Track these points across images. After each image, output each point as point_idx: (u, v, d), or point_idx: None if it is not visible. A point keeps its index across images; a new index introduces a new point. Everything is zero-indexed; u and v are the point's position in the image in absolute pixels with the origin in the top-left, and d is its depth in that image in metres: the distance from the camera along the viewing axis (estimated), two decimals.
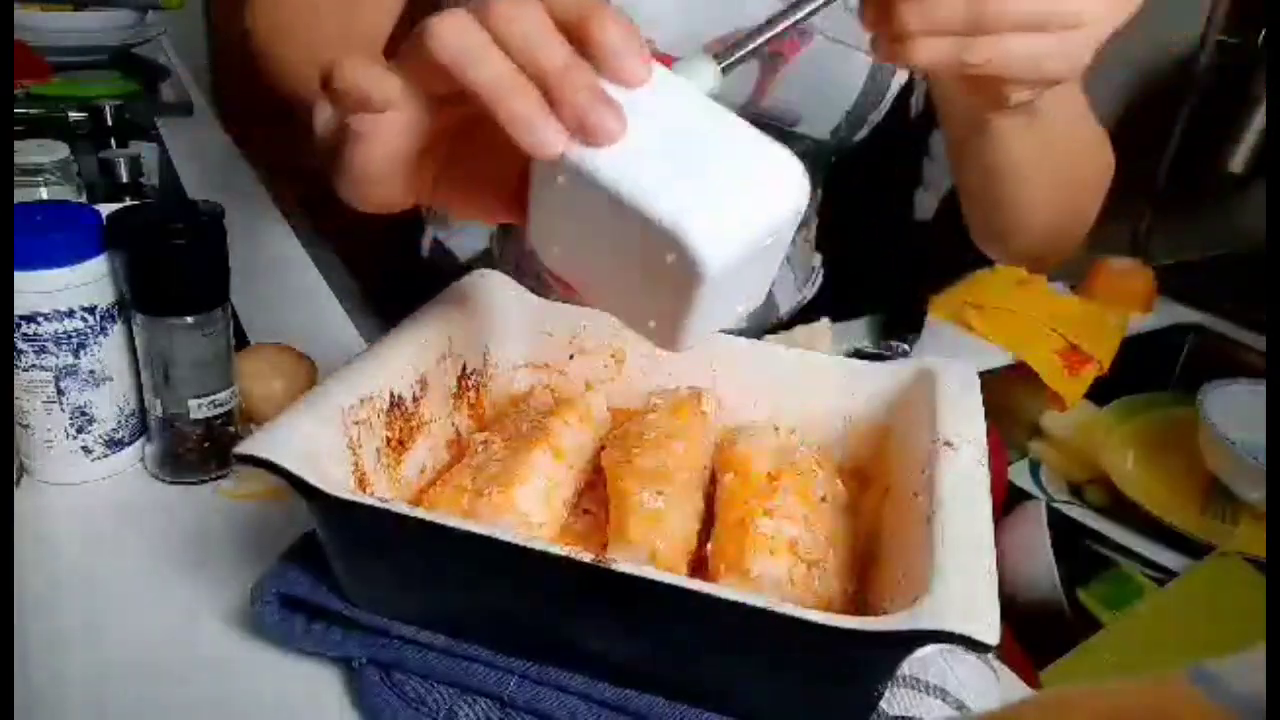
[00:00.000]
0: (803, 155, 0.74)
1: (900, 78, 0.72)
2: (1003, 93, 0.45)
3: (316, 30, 0.64)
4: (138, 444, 0.59)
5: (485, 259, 0.81)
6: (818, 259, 0.94)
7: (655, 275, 0.36)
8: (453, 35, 0.35)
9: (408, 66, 0.37)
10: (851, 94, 0.70)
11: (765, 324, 0.86)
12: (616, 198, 0.35)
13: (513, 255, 0.80)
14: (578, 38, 0.36)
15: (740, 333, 0.84)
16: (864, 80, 0.69)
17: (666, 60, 0.38)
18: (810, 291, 0.92)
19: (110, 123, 1.09)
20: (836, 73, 0.69)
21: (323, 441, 0.43)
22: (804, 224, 0.88)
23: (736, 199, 0.35)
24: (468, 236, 0.81)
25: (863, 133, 0.74)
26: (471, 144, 0.41)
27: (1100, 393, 1.32)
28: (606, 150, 0.35)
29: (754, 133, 0.37)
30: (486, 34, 0.35)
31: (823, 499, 0.49)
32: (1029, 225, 0.65)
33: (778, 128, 0.71)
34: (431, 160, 0.41)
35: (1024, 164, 0.58)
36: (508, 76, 0.35)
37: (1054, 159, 0.59)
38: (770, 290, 0.84)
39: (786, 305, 0.87)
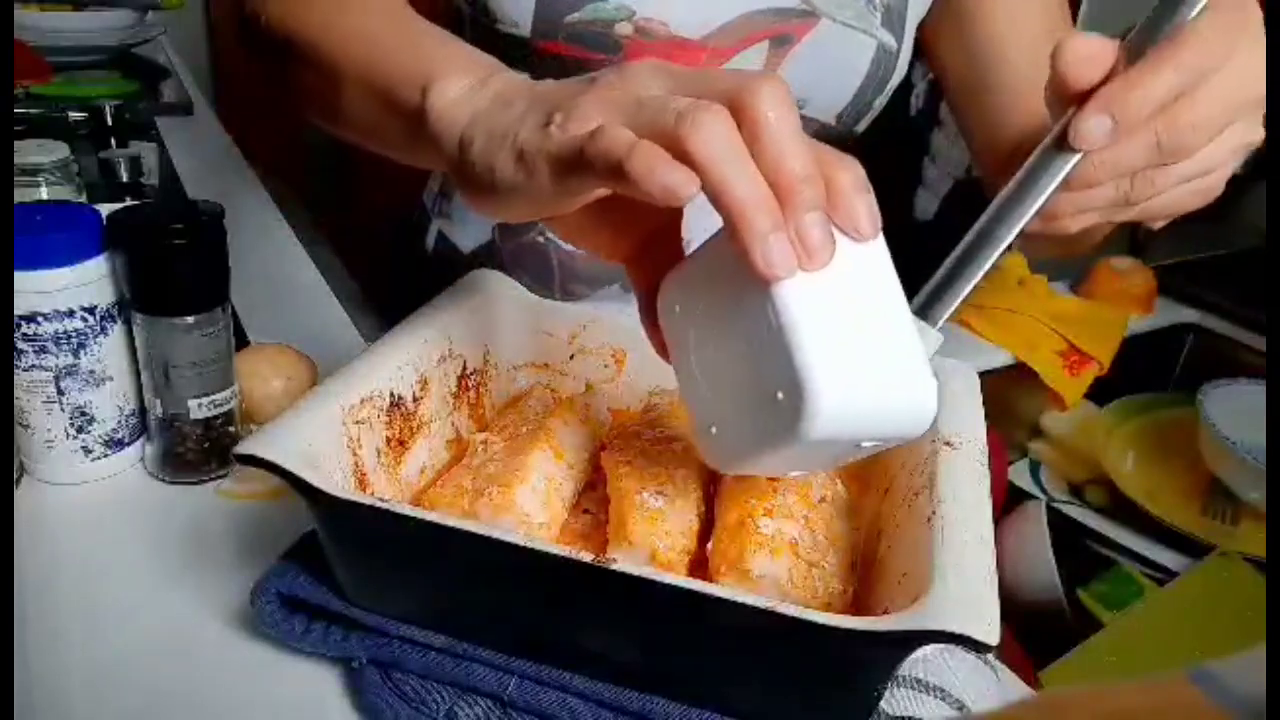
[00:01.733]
0: None
1: (904, 64, 0.72)
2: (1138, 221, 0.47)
3: None
4: (138, 444, 0.59)
5: (488, 250, 0.81)
6: None
7: (754, 402, 0.36)
8: (714, 133, 0.34)
9: (647, 132, 0.36)
10: (858, 78, 0.70)
11: None
12: (778, 316, 0.35)
13: (512, 248, 0.80)
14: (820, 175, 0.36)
15: None
16: (869, 64, 0.69)
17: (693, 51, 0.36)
18: None
19: (110, 123, 1.09)
20: (843, 56, 0.69)
21: (323, 441, 0.43)
22: None
23: (871, 394, 0.35)
24: (471, 228, 0.82)
25: (865, 121, 0.74)
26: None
27: (1100, 393, 1.32)
28: (800, 277, 0.35)
29: (922, 351, 0.37)
30: (739, 136, 0.35)
31: (823, 499, 0.48)
32: (1088, 242, 0.66)
33: None
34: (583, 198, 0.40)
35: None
36: (758, 192, 0.35)
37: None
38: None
39: None
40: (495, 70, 0.45)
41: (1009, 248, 0.42)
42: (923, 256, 0.42)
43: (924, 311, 0.42)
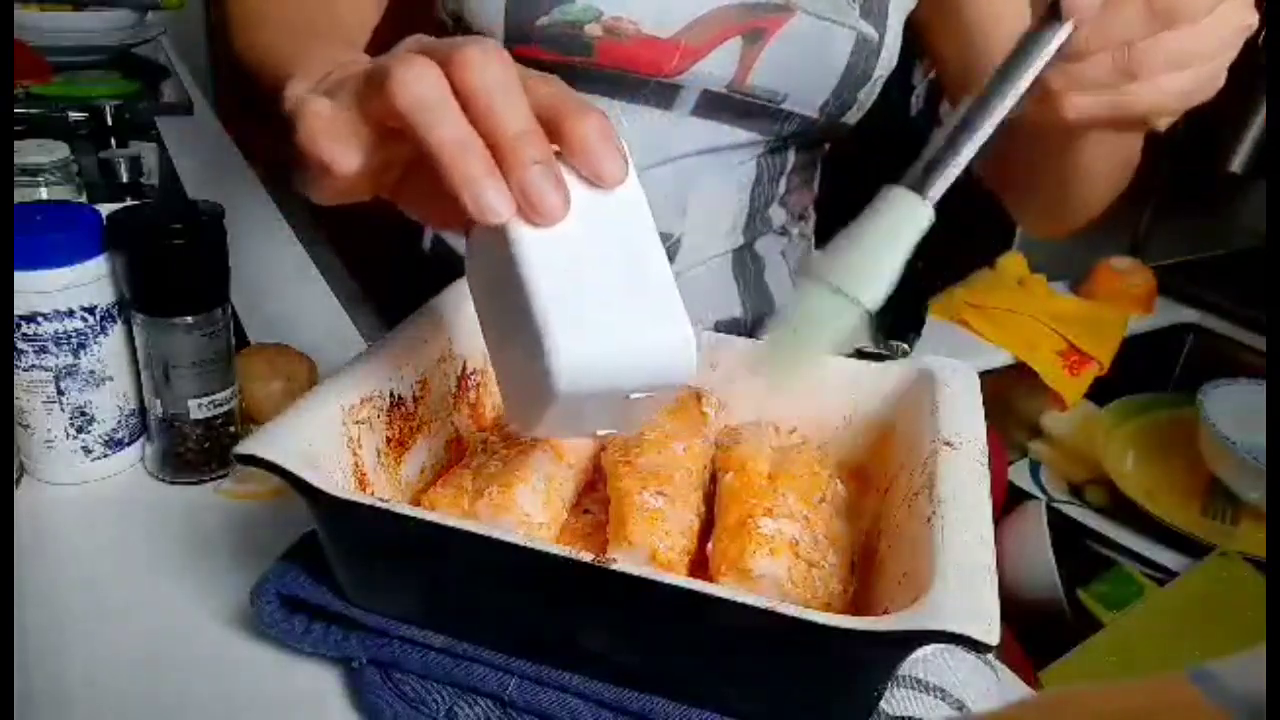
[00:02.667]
0: (795, 135, 0.73)
1: (890, 56, 0.72)
2: (1149, 123, 0.45)
3: (295, 15, 0.64)
4: (138, 444, 0.59)
5: None
6: (818, 256, 0.94)
7: (528, 363, 0.36)
8: (415, 84, 0.34)
9: (368, 104, 0.36)
10: (837, 69, 0.70)
11: (764, 314, 0.86)
12: (521, 281, 0.35)
13: None
14: (552, 127, 0.36)
15: (740, 330, 0.84)
16: (848, 56, 0.69)
17: (664, 50, 0.36)
18: None
19: (110, 123, 1.09)
20: (820, 48, 0.69)
21: (323, 441, 0.43)
22: (802, 219, 0.88)
23: (616, 343, 0.35)
24: None
25: (854, 112, 0.74)
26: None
27: (1100, 393, 1.33)
28: (534, 232, 0.35)
29: (675, 297, 0.36)
30: (447, 87, 0.35)
31: (823, 499, 0.48)
32: (1094, 205, 0.66)
33: (766, 106, 0.71)
34: (391, 171, 0.41)
35: (1108, 157, 0.59)
36: (462, 137, 0.34)
37: (1127, 143, 0.60)
38: (764, 283, 0.84)
39: (780, 299, 0.87)
40: (350, 63, 0.45)
41: (1004, 122, 0.41)
42: (923, 256, 0.42)
43: (918, 185, 0.41)
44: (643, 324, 0.35)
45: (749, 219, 0.80)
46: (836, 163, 0.90)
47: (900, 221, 0.41)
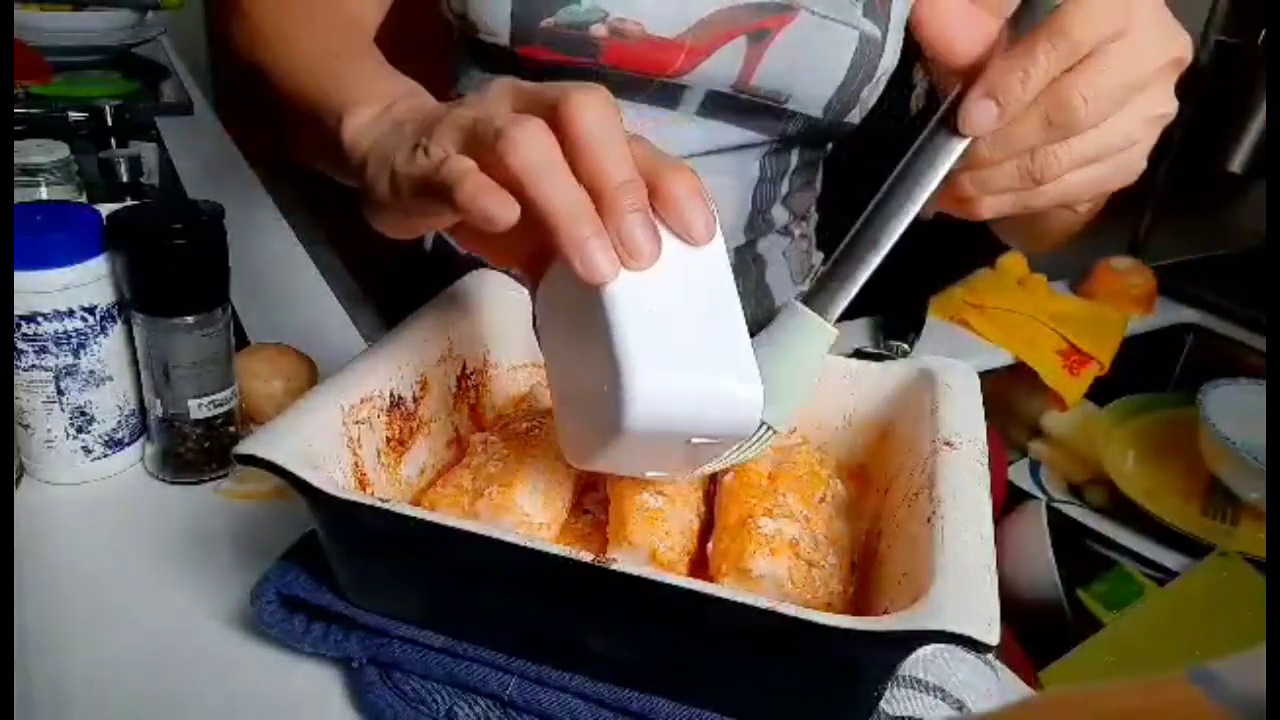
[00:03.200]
0: (799, 134, 0.73)
1: (892, 56, 0.72)
2: (1066, 207, 0.46)
3: (302, 27, 0.65)
4: (138, 444, 0.59)
5: None
6: (819, 257, 0.94)
7: (592, 396, 0.38)
8: (527, 147, 0.36)
9: (482, 157, 0.37)
10: (840, 69, 0.70)
11: (765, 315, 0.86)
12: (604, 314, 0.36)
13: None
14: (648, 181, 0.37)
15: None
16: (852, 55, 0.69)
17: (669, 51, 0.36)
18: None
19: (110, 123, 1.09)
20: (824, 48, 0.69)
21: (323, 441, 0.43)
22: (803, 219, 0.88)
23: (689, 388, 0.36)
24: None
25: (857, 112, 0.74)
26: None
27: (1100, 393, 1.33)
28: (626, 276, 0.37)
29: (749, 351, 0.38)
30: (558, 149, 0.36)
31: (823, 499, 0.48)
32: (1054, 238, 0.67)
33: (770, 106, 0.71)
34: None
35: (1075, 217, 0.60)
36: (573, 202, 0.36)
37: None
38: (765, 284, 0.84)
39: (781, 299, 0.87)
40: (407, 95, 0.47)
41: (902, 236, 0.42)
42: (923, 256, 0.42)
43: (816, 305, 0.43)
44: (716, 373, 0.37)
45: (751, 219, 0.80)
46: (837, 167, 0.90)
47: (805, 346, 0.43)
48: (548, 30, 0.68)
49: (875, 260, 0.42)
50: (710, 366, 0.37)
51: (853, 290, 0.43)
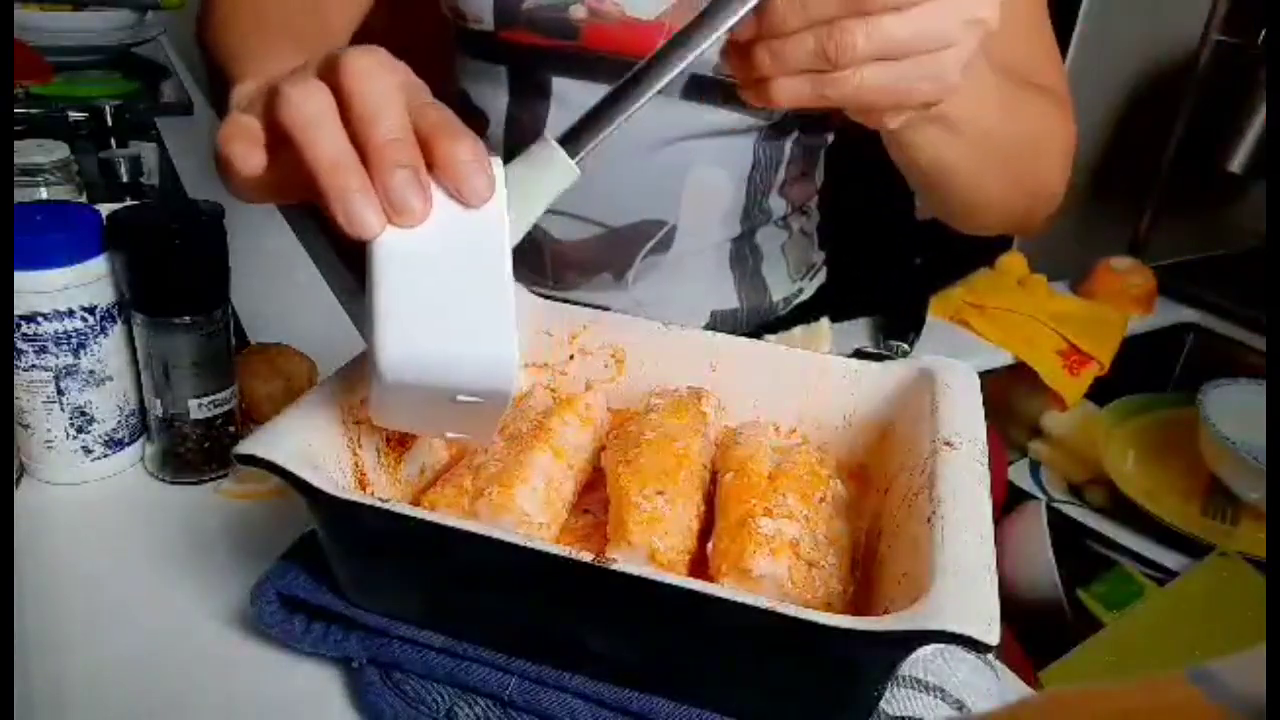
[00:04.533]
0: (790, 119, 0.73)
1: None
2: (875, 119, 0.45)
3: (271, 11, 0.66)
4: (138, 444, 0.59)
5: None
6: (819, 256, 0.94)
7: (372, 355, 0.38)
8: (300, 102, 0.37)
9: (266, 117, 0.39)
10: None
11: (760, 307, 0.85)
12: (372, 278, 0.38)
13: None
14: (428, 146, 0.38)
15: (736, 322, 0.84)
16: None
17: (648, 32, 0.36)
18: (810, 288, 0.92)
19: (110, 123, 1.09)
20: None
21: (323, 441, 0.44)
22: (804, 213, 0.88)
23: (442, 348, 0.38)
24: None
25: None
26: None
27: (1100, 393, 1.32)
28: (395, 232, 0.38)
29: (508, 316, 0.38)
30: (331, 105, 0.37)
31: (823, 499, 0.48)
32: (982, 211, 0.66)
33: None
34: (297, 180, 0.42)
35: (956, 166, 0.58)
36: (337, 153, 0.37)
37: (988, 154, 0.58)
38: (761, 276, 0.84)
39: (780, 293, 0.87)
40: (289, 69, 0.48)
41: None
42: (923, 256, 0.42)
43: (566, 142, 0.42)
44: (470, 332, 0.38)
45: (747, 207, 0.80)
46: (837, 167, 0.90)
47: (544, 180, 0.42)
48: (529, 13, 0.69)
49: (635, 106, 0.41)
50: (466, 327, 0.38)
51: (605, 133, 0.41)
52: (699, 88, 0.72)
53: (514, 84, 0.76)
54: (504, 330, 0.38)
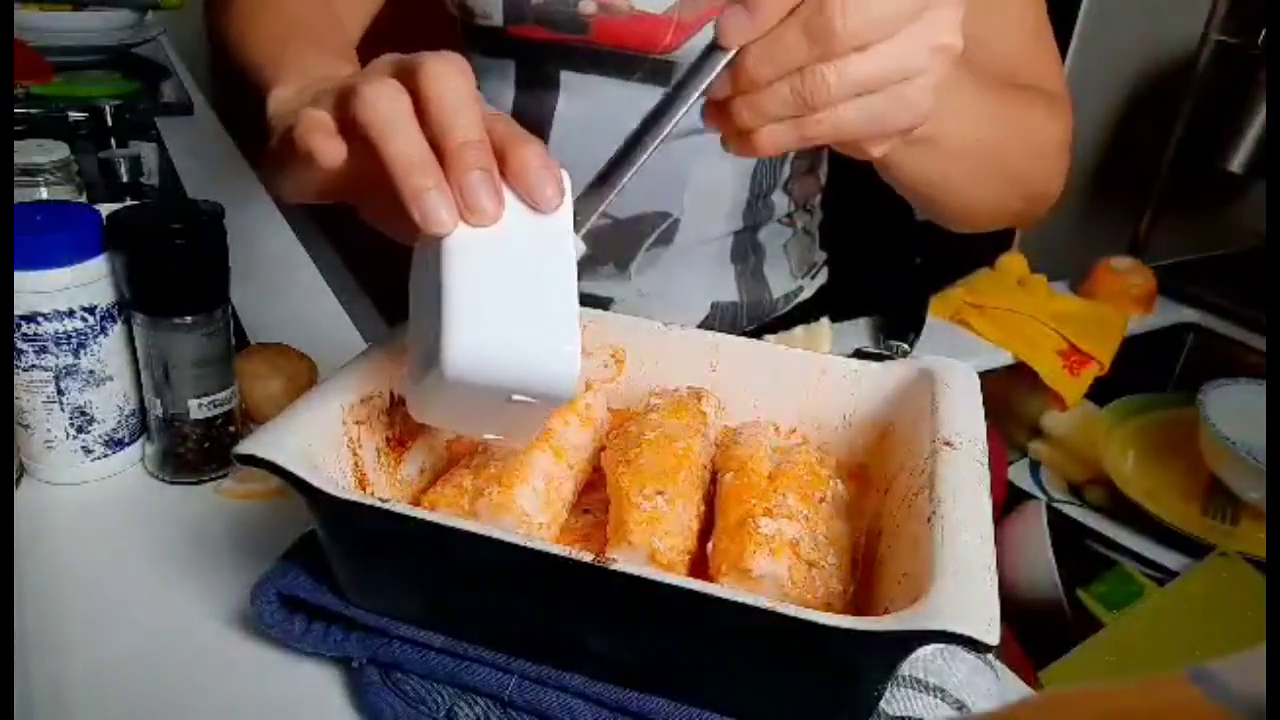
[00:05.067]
0: None
1: None
2: (858, 150, 0.45)
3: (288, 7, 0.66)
4: (138, 444, 0.59)
5: None
6: (821, 255, 0.94)
7: (430, 353, 0.39)
8: (377, 101, 0.38)
9: (340, 116, 0.40)
10: None
11: (760, 302, 0.85)
12: (438, 265, 0.38)
13: None
14: (500, 152, 0.39)
15: (736, 316, 0.84)
16: None
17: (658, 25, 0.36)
18: (811, 287, 0.92)
19: (110, 123, 1.09)
20: None
21: (323, 441, 0.44)
22: (807, 211, 0.88)
23: (507, 344, 0.38)
24: None
25: None
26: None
27: (1100, 393, 1.33)
28: (466, 232, 0.38)
29: (574, 321, 0.39)
30: (408, 105, 0.38)
31: (823, 499, 0.48)
32: (972, 214, 0.66)
33: None
34: (361, 182, 0.43)
35: (946, 179, 0.58)
36: (415, 152, 0.37)
37: (977, 163, 0.59)
38: (762, 271, 0.84)
39: (780, 289, 0.87)
40: (329, 73, 0.49)
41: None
42: (923, 256, 0.42)
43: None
44: (536, 334, 0.38)
45: (750, 203, 0.80)
46: (837, 166, 0.90)
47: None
48: (538, 8, 0.69)
49: (627, 175, 0.42)
50: (532, 326, 0.38)
51: (603, 205, 0.43)
52: None
53: (521, 77, 0.76)
54: (570, 333, 0.39)
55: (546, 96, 0.75)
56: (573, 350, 0.38)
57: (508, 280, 0.38)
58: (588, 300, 0.79)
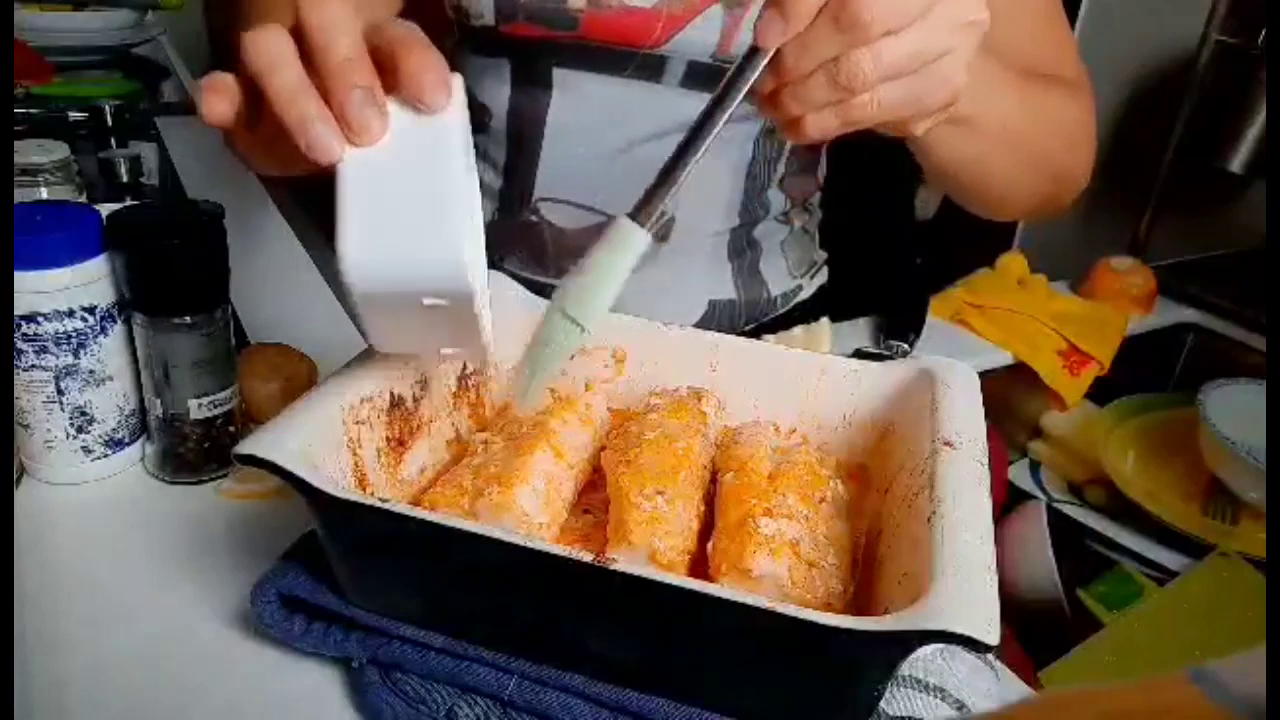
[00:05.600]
0: None
1: None
2: (902, 129, 0.48)
3: None
4: (138, 444, 0.59)
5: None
6: (821, 255, 0.94)
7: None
8: (260, 42, 0.38)
9: (242, 71, 0.40)
10: None
11: (758, 301, 0.85)
12: (336, 191, 0.39)
13: (507, 226, 0.81)
14: (388, 63, 0.39)
15: (734, 313, 0.84)
16: None
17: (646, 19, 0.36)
18: (811, 286, 0.92)
19: (110, 123, 1.09)
20: None
21: (323, 441, 0.43)
22: (806, 210, 0.88)
23: (398, 251, 0.39)
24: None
25: None
26: None
27: (1100, 393, 1.32)
28: (359, 151, 0.39)
29: (460, 218, 0.39)
30: (289, 43, 0.38)
31: (823, 499, 0.48)
32: (1010, 199, 0.68)
33: None
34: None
35: (980, 160, 0.61)
36: (294, 83, 0.38)
37: (1009, 145, 0.61)
38: (759, 270, 0.84)
39: (778, 288, 0.87)
40: None
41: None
42: (923, 256, 0.42)
43: (636, 214, 0.44)
44: (421, 232, 0.39)
45: (745, 201, 0.80)
46: (838, 166, 0.90)
47: (618, 250, 0.44)
48: (528, 6, 0.70)
49: (685, 172, 0.44)
50: (417, 230, 0.39)
51: (664, 201, 0.44)
52: (699, 76, 0.72)
53: (516, 76, 0.77)
54: (452, 227, 0.39)
55: (541, 95, 0.75)
56: (455, 244, 0.39)
57: (396, 190, 0.39)
58: None
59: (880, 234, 1.06)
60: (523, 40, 0.73)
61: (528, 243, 0.81)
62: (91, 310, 0.54)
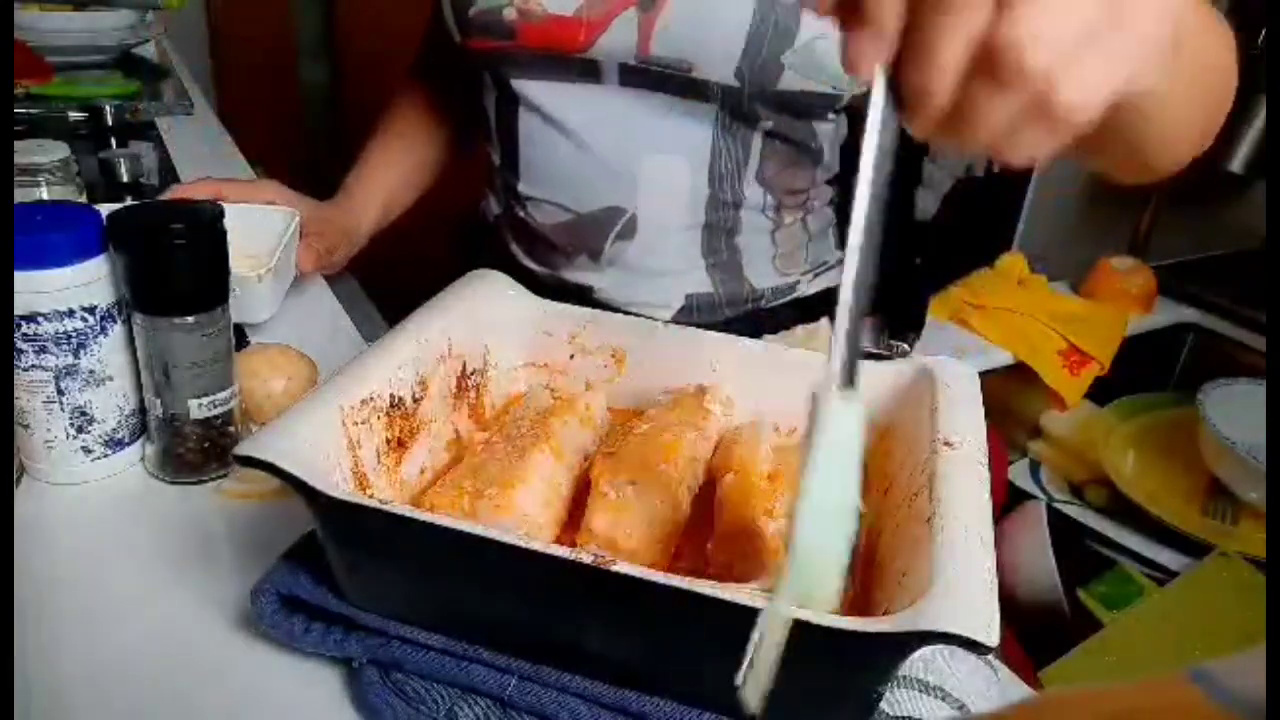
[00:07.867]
0: (745, 107, 0.74)
1: (812, 14, 0.68)
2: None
3: None
4: (138, 444, 0.59)
5: (480, 218, 0.88)
6: (835, 255, 0.93)
7: None
8: None
9: None
10: (740, 31, 0.68)
11: (739, 295, 0.85)
12: None
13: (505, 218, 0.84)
14: None
15: (714, 305, 0.84)
16: (750, 18, 0.67)
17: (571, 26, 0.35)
18: (814, 285, 0.91)
19: (110, 123, 1.09)
20: (715, 13, 0.68)
21: (323, 442, 0.43)
22: (804, 208, 0.87)
23: None
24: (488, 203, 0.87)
25: (794, 77, 0.70)
26: None
27: (1100, 393, 1.33)
28: None
29: None
30: None
31: None
32: (1181, 149, 0.58)
33: (676, 75, 0.71)
34: None
35: (1167, 117, 0.50)
36: None
37: (1189, 90, 0.50)
38: (738, 264, 0.83)
39: (765, 282, 0.85)
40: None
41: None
42: (923, 256, 0.42)
43: (844, 384, 0.37)
44: None
45: (711, 196, 0.79)
46: (843, 155, 0.89)
47: (841, 430, 0.37)
48: (476, 20, 0.72)
49: (859, 277, 0.38)
50: None
51: (860, 342, 0.38)
52: (632, 76, 0.73)
53: (491, 86, 0.80)
54: None
55: (509, 103, 0.78)
56: None
57: None
58: (570, 289, 0.80)
59: (880, 234, 1.05)
60: (482, 53, 0.75)
61: (518, 234, 0.84)
62: (91, 310, 0.54)
